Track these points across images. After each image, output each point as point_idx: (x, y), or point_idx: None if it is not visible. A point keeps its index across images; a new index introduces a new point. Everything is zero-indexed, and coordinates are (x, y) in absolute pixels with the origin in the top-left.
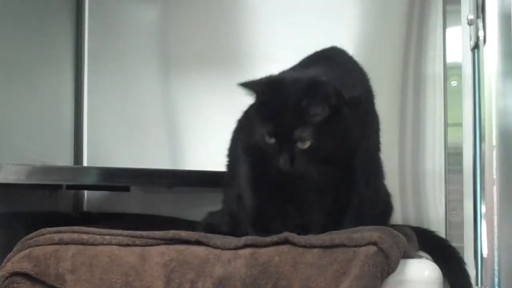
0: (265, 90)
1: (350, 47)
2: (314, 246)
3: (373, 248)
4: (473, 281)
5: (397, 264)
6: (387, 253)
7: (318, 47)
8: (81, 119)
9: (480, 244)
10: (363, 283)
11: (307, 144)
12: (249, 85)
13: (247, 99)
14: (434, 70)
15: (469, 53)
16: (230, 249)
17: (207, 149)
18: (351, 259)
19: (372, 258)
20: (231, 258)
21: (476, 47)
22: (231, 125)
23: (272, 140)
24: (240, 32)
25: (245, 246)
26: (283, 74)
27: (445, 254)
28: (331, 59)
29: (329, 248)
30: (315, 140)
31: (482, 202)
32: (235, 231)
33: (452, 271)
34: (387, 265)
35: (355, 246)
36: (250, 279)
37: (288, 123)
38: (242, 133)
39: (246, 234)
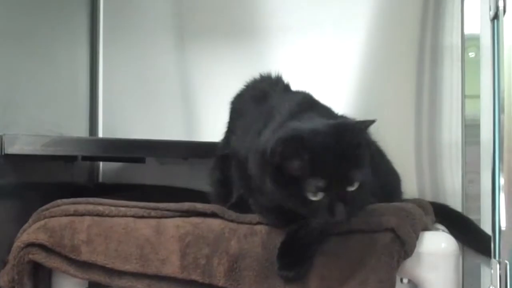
0: (299, 149)
1: (367, 17)
2: None
3: (389, 235)
4: None
5: (413, 250)
6: (404, 240)
7: (333, 17)
8: (97, 91)
9: (498, 217)
10: (380, 276)
11: (356, 185)
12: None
13: (262, 70)
14: (451, 41)
15: (488, 24)
16: (245, 223)
17: (222, 120)
18: (367, 248)
19: (388, 247)
20: (247, 233)
21: (495, 17)
22: None
23: (319, 196)
24: (255, 2)
25: (259, 223)
26: (300, 126)
27: (462, 224)
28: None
29: (345, 234)
30: (362, 178)
31: (501, 174)
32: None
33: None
34: (404, 252)
35: (372, 231)
36: (267, 263)
37: (343, 171)
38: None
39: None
